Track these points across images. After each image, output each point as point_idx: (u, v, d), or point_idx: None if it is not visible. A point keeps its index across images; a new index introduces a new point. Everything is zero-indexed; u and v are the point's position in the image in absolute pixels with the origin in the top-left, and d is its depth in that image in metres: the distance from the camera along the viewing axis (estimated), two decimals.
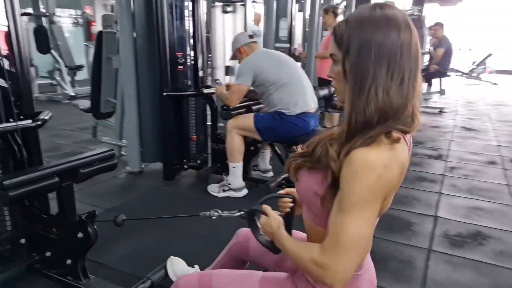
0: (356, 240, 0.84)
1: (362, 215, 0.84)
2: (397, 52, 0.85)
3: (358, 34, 0.86)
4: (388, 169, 0.84)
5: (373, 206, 0.85)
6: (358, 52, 0.86)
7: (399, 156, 0.87)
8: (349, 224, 0.84)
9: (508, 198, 3.01)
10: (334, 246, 0.85)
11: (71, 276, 1.66)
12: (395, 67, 0.85)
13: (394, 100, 0.85)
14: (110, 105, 3.79)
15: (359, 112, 0.86)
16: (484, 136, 5.05)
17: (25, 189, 1.38)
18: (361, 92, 0.86)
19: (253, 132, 2.82)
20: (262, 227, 1.05)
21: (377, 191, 0.84)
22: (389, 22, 0.85)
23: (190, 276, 1.17)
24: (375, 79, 0.85)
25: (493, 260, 2.14)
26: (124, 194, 3.01)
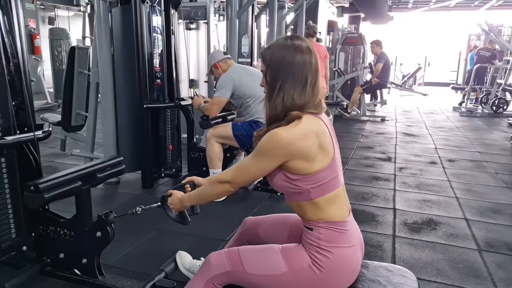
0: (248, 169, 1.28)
1: (257, 160, 1.26)
2: (300, 68, 1.24)
3: (275, 55, 1.27)
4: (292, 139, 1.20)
5: (267, 159, 1.23)
6: (273, 68, 1.27)
7: (307, 127, 1.23)
8: (247, 161, 1.29)
9: (450, 191, 3.51)
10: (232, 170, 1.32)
11: (87, 274, 1.77)
12: (298, 78, 1.24)
13: (297, 101, 1.24)
14: (81, 118, 3.82)
15: (272, 110, 1.27)
16: (423, 140, 5.70)
17: (56, 191, 1.50)
18: (273, 96, 1.27)
19: (232, 140, 3.05)
20: (171, 204, 1.46)
21: (274, 151, 1.21)
22: (295, 48, 1.25)
23: (219, 252, 1.38)
24: (283, 87, 1.24)
25: (445, 241, 2.55)
26: (106, 203, 3.08)
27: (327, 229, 1.25)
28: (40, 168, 1.92)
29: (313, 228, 1.27)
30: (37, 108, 6.74)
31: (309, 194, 1.24)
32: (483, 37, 10.84)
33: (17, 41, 1.88)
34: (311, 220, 1.27)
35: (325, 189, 1.24)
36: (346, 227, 1.28)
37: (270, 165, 1.24)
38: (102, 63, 3.20)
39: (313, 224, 1.27)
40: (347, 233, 1.28)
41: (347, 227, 1.28)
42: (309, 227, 1.28)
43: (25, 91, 1.90)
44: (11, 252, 1.91)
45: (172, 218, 1.50)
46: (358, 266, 1.32)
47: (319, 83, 1.28)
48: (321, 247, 1.25)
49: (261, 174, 1.29)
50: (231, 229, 2.37)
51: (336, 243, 1.25)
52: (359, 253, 1.33)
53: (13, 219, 1.91)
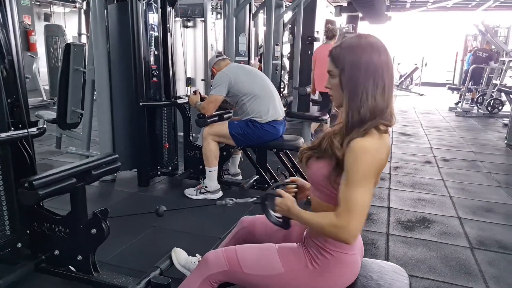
0: (362, 205, 1.14)
1: (365, 186, 1.14)
2: (379, 68, 1.17)
3: (350, 56, 1.18)
4: (379, 152, 1.16)
5: (371, 179, 1.16)
6: (351, 69, 1.17)
7: (386, 142, 1.19)
8: (357, 194, 1.13)
9: (444, 190, 3.53)
10: (346, 211, 1.14)
11: (82, 271, 1.78)
12: (379, 79, 1.16)
13: (379, 103, 1.17)
14: (76, 115, 3.81)
15: (355, 113, 1.18)
16: (419, 140, 5.73)
17: (50, 188, 1.51)
18: (355, 98, 1.17)
19: (228, 138, 3.06)
20: (278, 206, 1.30)
21: (373, 168, 1.15)
22: (372, 47, 1.17)
23: (216, 251, 1.39)
24: (365, 88, 1.16)
25: (438, 239, 2.57)
26: (102, 201, 3.09)
27: None
28: (34, 165, 1.93)
29: None
30: (32, 105, 6.73)
31: None
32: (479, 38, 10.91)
33: (11, 37, 1.88)
34: None
35: None
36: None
37: (373, 181, 1.17)
38: (98, 61, 3.19)
39: None
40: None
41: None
42: None
43: (19, 88, 1.90)
44: (6, 249, 1.92)
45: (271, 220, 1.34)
46: (356, 272, 1.32)
47: (394, 88, 1.22)
48: (325, 249, 1.26)
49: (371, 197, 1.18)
50: (227, 227, 2.38)
51: (339, 249, 1.25)
52: (359, 261, 1.34)
53: (8, 216, 1.92)
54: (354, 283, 1.30)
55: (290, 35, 7.25)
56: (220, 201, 1.57)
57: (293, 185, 1.42)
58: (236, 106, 3.13)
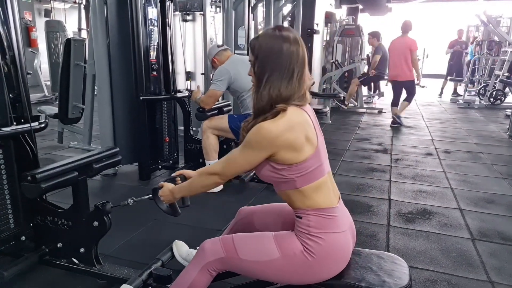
0: (236, 161, 1.29)
1: (245, 153, 1.27)
2: (288, 59, 1.25)
3: (262, 46, 1.27)
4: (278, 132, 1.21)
5: (254, 152, 1.25)
6: (260, 59, 1.27)
7: (292, 119, 1.25)
8: (236, 153, 1.30)
9: (445, 182, 3.54)
10: (222, 162, 1.34)
11: (84, 263, 1.80)
12: (285, 70, 1.25)
13: (283, 93, 1.26)
14: (77, 110, 3.83)
15: (260, 101, 1.27)
16: (420, 132, 5.72)
17: (53, 182, 1.52)
18: (260, 87, 1.27)
19: (227, 132, 3.07)
20: (162, 195, 1.47)
21: (261, 144, 1.23)
22: (283, 38, 1.26)
23: (213, 239, 1.40)
24: (270, 79, 1.25)
25: (439, 230, 2.58)
26: (104, 195, 3.11)
27: (315, 216, 1.28)
28: (37, 159, 1.94)
29: (302, 216, 1.30)
30: (34, 101, 6.74)
31: (294, 183, 1.27)
32: (482, 29, 10.83)
33: (13, 34, 1.89)
34: (299, 208, 1.31)
35: (311, 177, 1.27)
36: (335, 213, 1.31)
37: (258, 157, 1.26)
38: (98, 55, 3.20)
39: (302, 212, 1.30)
40: (337, 219, 1.31)
41: (335, 213, 1.31)
42: (298, 215, 1.31)
43: (21, 83, 1.91)
44: (10, 242, 1.94)
45: (163, 210, 1.52)
46: (349, 251, 1.35)
47: (305, 75, 1.29)
48: (311, 234, 1.27)
49: (249, 166, 1.30)
50: (227, 219, 2.38)
51: (325, 229, 1.28)
52: (350, 238, 1.36)
53: (12, 209, 1.94)
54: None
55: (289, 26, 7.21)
56: (123, 201, 1.64)
57: (179, 177, 1.54)
58: (237, 100, 3.14)
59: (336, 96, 7.23)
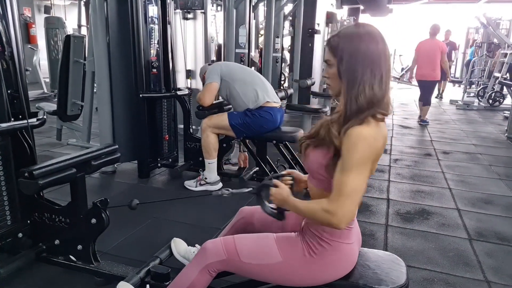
0: (354, 190, 1.14)
1: (359, 172, 1.14)
2: (377, 58, 1.16)
3: (348, 45, 1.17)
4: (376, 139, 1.16)
5: (366, 166, 1.16)
6: (349, 58, 1.17)
7: (383, 131, 1.20)
8: (350, 179, 1.14)
9: (444, 182, 3.54)
10: (338, 196, 1.15)
11: (82, 260, 1.80)
12: (376, 68, 1.16)
13: (377, 92, 1.17)
14: (76, 107, 3.82)
15: (353, 102, 1.17)
16: (419, 133, 5.73)
17: (50, 178, 1.52)
18: (353, 87, 1.17)
19: (228, 130, 3.06)
20: (273, 196, 1.31)
21: (369, 155, 1.15)
22: (370, 36, 1.17)
23: (215, 240, 1.40)
24: (363, 78, 1.16)
25: (437, 230, 2.58)
26: (103, 192, 3.10)
27: None
28: (34, 155, 1.93)
29: None
30: (33, 97, 6.74)
31: None
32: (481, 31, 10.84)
33: (11, 30, 1.88)
34: None
35: None
36: (352, 225, 1.29)
37: (368, 168, 1.16)
38: (98, 52, 3.19)
39: None
40: (351, 231, 1.29)
41: (352, 225, 1.29)
42: None
43: (19, 79, 1.91)
44: (7, 239, 1.93)
45: (266, 212, 1.36)
46: (352, 263, 1.33)
47: (391, 77, 1.22)
48: (322, 239, 1.27)
49: (365, 184, 1.18)
50: (226, 218, 2.40)
51: (337, 238, 1.26)
52: (356, 250, 1.36)
53: (9, 206, 1.93)
54: (351, 272, 1.31)
55: (290, 27, 7.22)
56: (216, 191, 1.56)
57: (289, 177, 1.43)
58: (229, 100, 3.14)
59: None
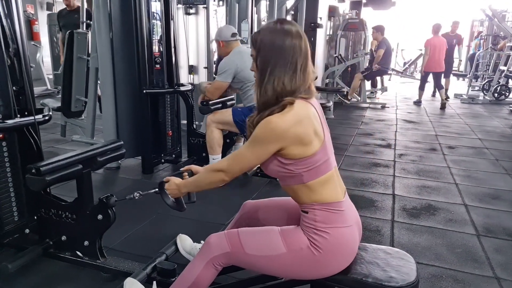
0: (243, 156, 1.28)
1: (253, 148, 1.25)
2: (290, 52, 1.23)
3: (264, 40, 1.26)
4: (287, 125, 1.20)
5: (263, 146, 1.23)
6: (263, 53, 1.26)
7: (300, 112, 1.23)
8: (243, 149, 1.29)
9: (450, 177, 3.52)
10: (228, 158, 1.33)
11: (88, 256, 1.80)
12: (288, 63, 1.23)
13: (288, 86, 1.24)
14: (80, 103, 3.82)
15: (263, 94, 1.25)
16: (424, 127, 5.69)
17: (57, 174, 1.51)
18: (264, 81, 1.25)
19: (232, 126, 3.05)
20: (168, 190, 1.46)
21: (269, 138, 1.21)
22: (285, 32, 1.25)
23: (219, 234, 1.39)
24: (273, 72, 1.24)
25: (444, 226, 2.56)
26: (107, 188, 3.10)
27: (322, 211, 1.27)
28: (41, 151, 1.94)
29: (308, 210, 1.29)
30: (36, 94, 6.70)
31: (301, 178, 1.26)
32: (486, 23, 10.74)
33: (16, 26, 1.87)
34: (305, 203, 1.29)
35: (317, 172, 1.26)
36: (341, 207, 1.30)
37: (266, 152, 1.24)
38: (101, 48, 3.17)
39: (308, 207, 1.29)
40: (343, 213, 1.30)
41: (342, 208, 1.30)
42: (304, 210, 1.30)
43: (24, 76, 1.90)
44: (14, 235, 1.94)
45: (168, 204, 1.50)
46: (355, 246, 1.34)
47: (309, 68, 1.28)
48: (317, 229, 1.26)
49: (257, 162, 1.29)
50: (231, 213, 2.39)
51: (332, 224, 1.27)
52: (356, 233, 1.35)
53: (16, 202, 1.94)
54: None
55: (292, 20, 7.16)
56: (129, 195, 1.62)
57: (187, 172, 1.53)
58: (240, 91, 3.12)
59: (339, 90, 7.20)
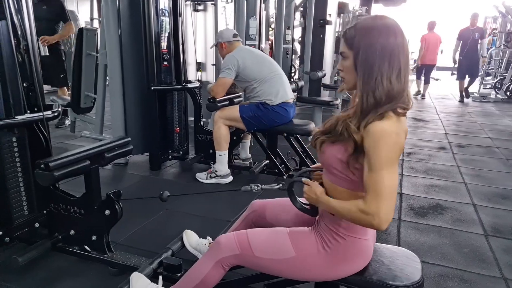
0: (390, 188, 1.11)
1: (390, 170, 1.11)
2: (395, 51, 1.13)
3: (365, 38, 1.14)
4: (398, 135, 1.13)
5: (395, 162, 1.14)
6: (366, 51, 1.14)
7: (403, 125, 1.17)
8: (384, 178, 1.10)
9: (459, 176, 3.49)
10: (374, 196, 1.11)
11: (96, 251, 1.82)
12: (394, 62, 1.13)
13: (395, 86, 1.14)
14: (89, 100, 3.86)
15: (370, 95, 1.14)
16: (433, 126, 5.64)
17: (65, 170, 1.53)
18: (370, 81, 1.14)
19: (239, 122, 3.06)
20: (306, 194, 1.28)
21: (395, 151, 1.12)
22: (388, 29, 1.14)
23: (228, 235, 1.40)
24: (380, 71, 1.13)
25: (452, 226, 2.54)
26: (116, 184, 3.13)
27: None
28: (50, 147, 1.96)
29: None
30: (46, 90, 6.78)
31: (355, 185, 1.21)
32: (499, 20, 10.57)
33: (26, 23, 1.90)
34: None
35: None
36: None
37: (397, 163, 1.15)
38: (110, 45, 3.20)
39: None
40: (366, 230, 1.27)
41: None
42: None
43: (34, 72, 1.93)
44: (24, 229, 1.97)
45: (298, 208, 1.36)
46: (367, 259, 1.32)
47: (410, 71, 1.19)
48: (338, 233, 1.25)
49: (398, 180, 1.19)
50: (237, 211, 2.40)
51: (353, 233, 1.25)
52: (371, 247, 1.34)
53: (25, 197, 1.97)
54: (365, 268, 1.30)
55: (301, 18, 7.14)
56: (245, 186, 1.54)
57: (320, 171, 1.38)
58: (246, 90, 3.12)
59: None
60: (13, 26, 1.81)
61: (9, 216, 1.90)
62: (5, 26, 1.75)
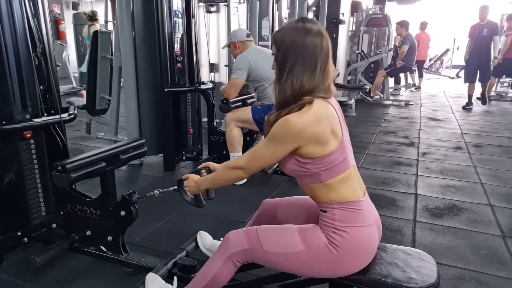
0: (260, 153, 1.30)
1: (270, 147, 1.26)
2: (310, 51, 1.23)
3: (285, 38, 1.26)
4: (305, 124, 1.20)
5: (280, 145, 1.24)
6: (283, 51, 1.26)
7: (319, 111, 1.23)
8: (260, 147, 1.30)
9: (475, 177, 3.42)
10: (249, 156, 1.33)
11: (112, 251, 1.85)
12: (308, 62, 1.23)
13: (306, 85, 1.24)
14: (104, 102, 3.91)
15: (282, 93, 1.27)
16: (449, 125, 5.55)
17: (82, 171, 1.56)
18: (282, 79, 1.26)
19: (251, 124, 3.06)
20: (187, 187, 1.49)
21: (285, 137, 1.22)
22: (306, 31, 1.25)
23: (238, 231, 1.41)
24: (292, 71, 1.24)
25: (468, 227, 2.50)
26: (131, 184, 3.18)
27: (340, 210, 1.27)
28: (67, 149, 2.00)
29: (326, 210, 1.29)
30: (63, 92, 6.93)
31: (319, 177, 1.26)
32: None
33: (43, 26, 1.94)
34: (323, 202, 1.29)
35: (336, 171, 1.26)
36: (360, 206, 1.29)
37: (283, 150, 1.25)
38: (124, 48, 3.24)
39: (326, 206, 1.29)
40: (362, 212, 1.29)
41: (361, 207, 1.29)
42: (323, 209, 1.30)
43: (51, 75, 1.97)
44: (42, 229, 2.02)
45: (187, 201, 1.53)
46: (375, 245, 1.33)
47: (329, 67, 1.28)
48: (336, 228, 1.26)
49: (274, 160, 1.30)
50: (250, 211, 2.40)
51: (350, 223, 1.26)
52: (376, 233, 1.34)
53: (43, 198, 2.01)
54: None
55: (314, 18, 7.11)
56: (149, 192, 1.66)
57: (205, 170, 1.55)
58: (257, 90, 3.13)
59: (362, 88, 7.09)
60: (29, 29, 1.85)
61: (27, 217, 1.95)
62: (22, 29, 1.79)
